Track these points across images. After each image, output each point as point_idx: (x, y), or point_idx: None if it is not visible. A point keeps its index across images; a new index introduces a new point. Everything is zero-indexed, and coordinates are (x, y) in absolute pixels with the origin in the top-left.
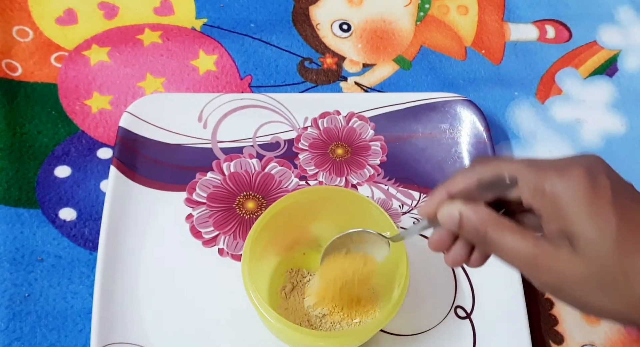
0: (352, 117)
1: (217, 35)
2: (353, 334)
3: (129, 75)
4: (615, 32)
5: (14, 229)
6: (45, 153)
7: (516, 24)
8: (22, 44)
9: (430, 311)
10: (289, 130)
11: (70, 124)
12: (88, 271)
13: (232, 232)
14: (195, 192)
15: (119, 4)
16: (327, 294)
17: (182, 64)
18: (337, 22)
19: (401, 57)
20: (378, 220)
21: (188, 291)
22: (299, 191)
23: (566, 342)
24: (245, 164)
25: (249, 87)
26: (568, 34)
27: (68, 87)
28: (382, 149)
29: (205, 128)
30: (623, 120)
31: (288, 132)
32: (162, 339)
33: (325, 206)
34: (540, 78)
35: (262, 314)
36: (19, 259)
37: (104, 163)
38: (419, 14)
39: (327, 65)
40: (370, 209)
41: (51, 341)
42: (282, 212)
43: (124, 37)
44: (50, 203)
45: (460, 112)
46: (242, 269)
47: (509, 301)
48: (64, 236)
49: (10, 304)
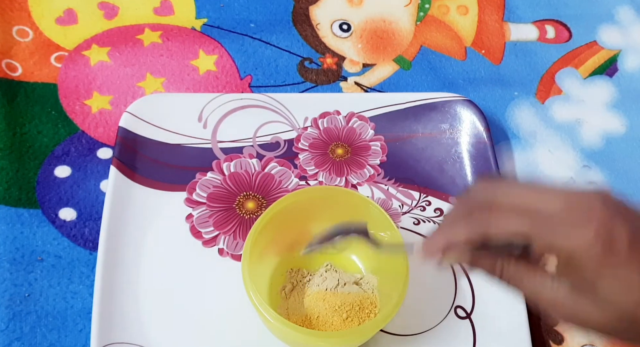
0: (352, 117)
1: (217, 35)
2: (353, 334)
3: (129, 75)
4: (615, 32)
5: (14, 229)
6: (45, 153)
7: (516, 24)
8: (22, 44)
9: (430, 311)
10: (289, 130)
11: (70, 124)
12: (88, 271)
13: (232, 232)
14: (195, 192)
15: (119, 4)
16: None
17: (182, 64)
18: (337, 22)
19: (401, 57)
20: (378, 220)
21: (188, 291)
22: (299, 190)
23: (566, 342)
24: (245, 164)
25: (249, 87)
26: (568, 34)
27: (68, 87)
28: (382, 149)
29: (205, 128)
30: (623, 121)
31: (288, 132)
32: (162, 339)
33: (325, 206)
34: (540, 78)
35: (262, 314)
36: (19, 259)
37: (104, 163)
38: (419, 14)
39: (327, 65)
40: (370, 209)
41: (51, 340)
42: (282, 212)
43: (124, 37)
44: (50, 203)
45: (460, 112)
46: (242, 269)
47: (509, 300)
48: (64, 236)
49: (10, 304)
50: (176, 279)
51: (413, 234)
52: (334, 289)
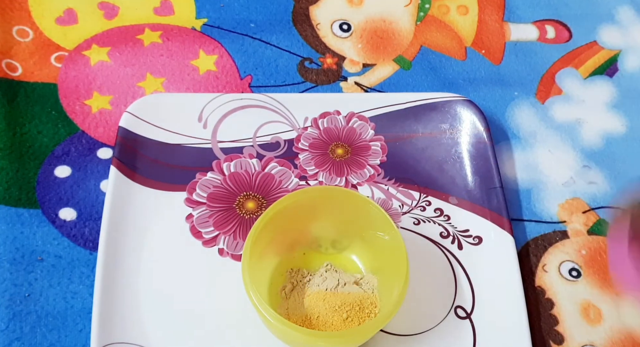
0: (352, 117)
1: (217, 35)
2: (353, 334)
3: (129, 75)
4: (615, 32)
5: (14, 229)
6: (45, 153)
7: (516, 24)
8: (22, 44)
9: (430, 311)
10: (289, 130)
11: (70, 124)
12: (88, 271)
13: (232, 232)
14: (195, 192)
15: (119, 4)
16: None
17: (182, 64)
18: (337, 22)
19: (401, 57)
20: (378, 220)
21: (188, 291)
22: (299, 190)
23: (566, 343)
24: (245, 164)
25: (249, 87)
26: (568, 34)
27: (68, 87)
28: (382, 149)
29: (205, 128)
30: (623, 120)
31: (288, 132)
32: (162, 339)
33: (325, 206)
34: (541, 78)
35: (262, 314)
36: (19, 259)
37: (104, 163)
38: (419, 14)
39: (327, 65)
40: (371, 209)
41: (51, 341)
42: (282, 212)
43: (124, 37)
44: (50, 203)
45: (460, 112)
46: (242, 269)
47: (509, 301)
48: (64, 235)
49: (10, 304)
50: (176, 279)
51: (413, 234)
52: (334, 289)
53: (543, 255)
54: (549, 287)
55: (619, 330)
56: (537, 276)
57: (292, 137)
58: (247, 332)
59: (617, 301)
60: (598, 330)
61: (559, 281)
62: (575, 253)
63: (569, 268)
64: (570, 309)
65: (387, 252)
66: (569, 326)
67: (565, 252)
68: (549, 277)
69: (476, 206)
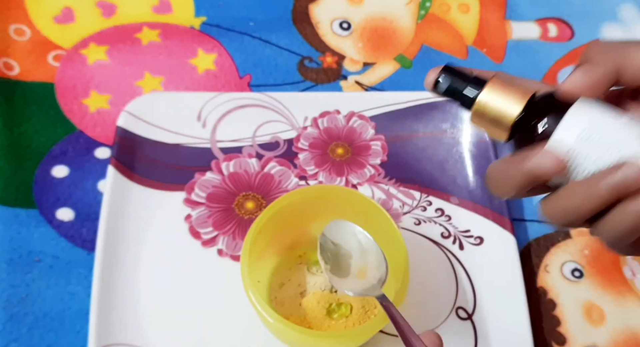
0: (352, 116)
1: (216, 34)
2: (353, 334)
3: (127, 74)
4: (617, 31)
5: (11, 230)
6: (43, 153)
7: (518, 22)
8: (19, 43)
9: (431, 312)
10: (288, 130)
11: (67, 124)
12: (86, 272)
13: (232, 233)
14: (194, 192)
15: (117, 3)
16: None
17: (181, 62)
18: (337, 21)
19: (402, 55)
20: (378, 220)
21: (187, 291)
22: (297, 190)
23: (568, 344)
24: (244, 164)
25: (248, 86)
26: (570, 33)
27: (65, 86)
28: (383, 149)
29: (204, 127)
30: None
31: (288, 132)
32: (160, 340)
33: (324, 205)
34: (542, 77)
35: (262, 314)
36: (16, 260)
37: (102, 163)
38: (419, 12)
39: (327, 64)
40: (371, 208)
41: (48, 342)
42: (281, 212)
43: (122, 36)
44: (48, 203)
45: (462, 112)
46: (242, 269)
47: (511, 302)
48: (61, 236)
49: (7, 305)
50: (175, 280)
51: (414, 234)
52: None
53: (545, 255)
54: (551, 288)
55: (622, 331)
56: (539, 277)
57: (291, 137)
58: (246, 332)
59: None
60: (601, 331)
61: (561, 281)
62: (578, 253)
63: (572, 268)
64: (573, 310)
65: (387, 252)
66: (571, 326)
67: (567, 252)
68: (551, 277)
69: (478, 206)
